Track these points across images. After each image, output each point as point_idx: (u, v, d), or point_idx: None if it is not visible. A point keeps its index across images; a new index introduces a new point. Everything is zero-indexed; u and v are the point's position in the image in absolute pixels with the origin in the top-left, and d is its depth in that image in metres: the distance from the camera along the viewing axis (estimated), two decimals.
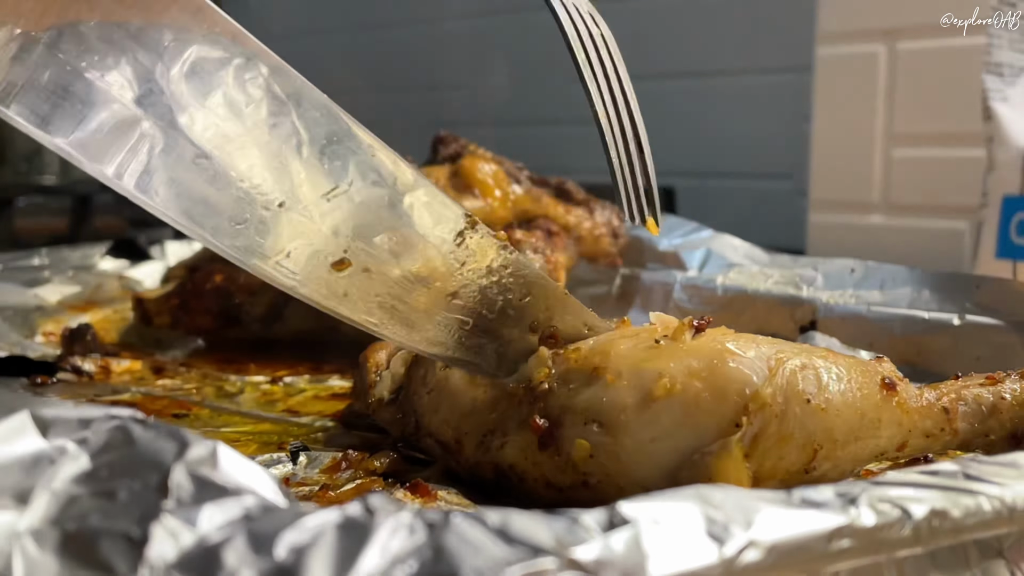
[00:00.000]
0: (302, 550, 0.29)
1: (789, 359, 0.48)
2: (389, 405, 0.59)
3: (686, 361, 0.47)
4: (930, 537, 0.36)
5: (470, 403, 0.54)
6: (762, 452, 0.46)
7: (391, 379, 0.60)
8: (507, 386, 0.52)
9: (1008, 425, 0.52)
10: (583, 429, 0.48)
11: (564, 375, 0.50)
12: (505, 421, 0.52)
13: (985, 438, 0.52)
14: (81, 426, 0.36)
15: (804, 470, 0.47)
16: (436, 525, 0.30)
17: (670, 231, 1.10)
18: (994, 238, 0.99)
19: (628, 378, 0.47)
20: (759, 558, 0.32)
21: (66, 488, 0.33)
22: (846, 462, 0.49)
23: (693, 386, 0.46)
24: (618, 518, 0.32)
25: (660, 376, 0.47)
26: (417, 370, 0.59)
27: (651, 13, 1.68)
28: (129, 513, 0.31)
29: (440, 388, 0.56)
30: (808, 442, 0.47)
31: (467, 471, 0.54)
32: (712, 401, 0.46)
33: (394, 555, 0.29)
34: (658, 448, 0.46)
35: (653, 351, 0.48)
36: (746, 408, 0.46)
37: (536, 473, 0.50)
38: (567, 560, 0.29)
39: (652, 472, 0.46)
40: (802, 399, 0.47)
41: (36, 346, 0.91)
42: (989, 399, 0.52)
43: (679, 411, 0.46)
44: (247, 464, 0.35)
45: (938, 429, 0.51)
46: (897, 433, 0.50)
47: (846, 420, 0.48)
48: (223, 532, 0.30)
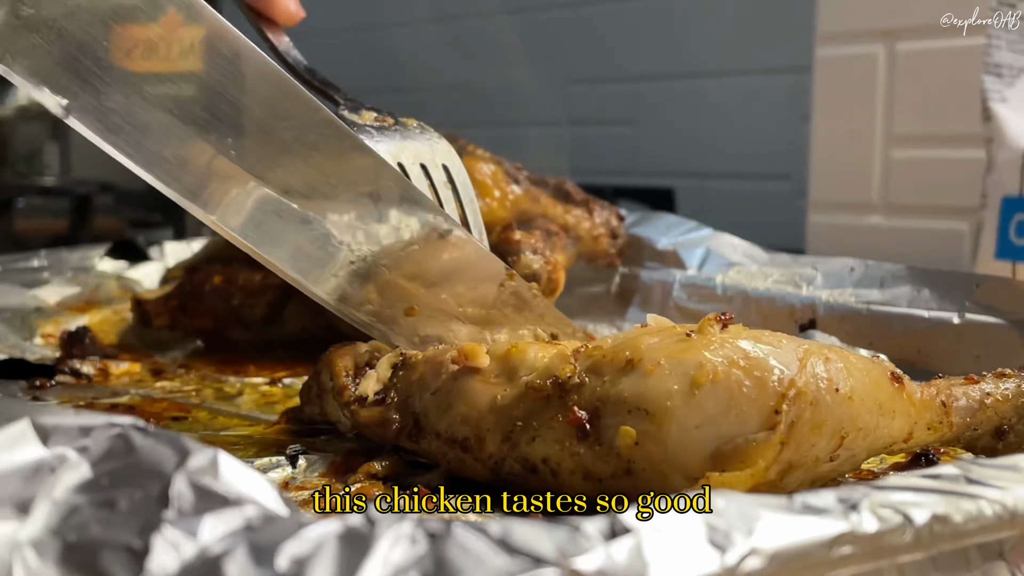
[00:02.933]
0: (303, 561, 0.29)
1: (814, 351, 0.50)
2: (375, 406, 0.59)
3: (723, 351, 0.49)
4: (931, 542, 0.36)
5: (489, 401, 0.55)
6: (797, 439, 0.47)
7: (376, 379, 0.60)
8: (532, 383, 0.53)
9: (994, 419, 0.55)
10: (626, 417, 0.49)
11: (594, 368, 0.52)
12: (533, 416, 0.53)
13: (973, 431, 0.55)
14: (82, 434, 0.36)
15: (829, 458, 0.49)
16: (437, 535, 0.30)
17: (669, 229, 1.10)
18: (993, 239, 0.99)
19: (669, 367, 0.49)
20: (761, 566, 0.32)
21: (67, 497, 0.33)
22: (862, 451, 0.51)
23: (734, 374, 0.48)
24: (619, 527, 0.32)
25: (702, 364, 0.48)
26: (410, 373, 0.59)
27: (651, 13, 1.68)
28: (130, 523, 0.31)
29: (448, 389, 0.56)
30: (837, 430, 0.49)
31: (488, 468, 0.54)
32: (754, 388, 0.47)
33: (396, 566, 0.29)
34: (702, 434, 0.47)
35: (687, 343, 0.50)
36: (784, 396, 0.47)
37: (572, 464, 0.51)
38: (569, 570, 0.29)
39: (695, 457, 0.47)
40: (832, 388, 0.49)
41: (35, 348, 0.91)
42: (976, 396, 0.55)
43: (723, 398, 0.47)
44: (248, 472, 0.35)
45: (938, 422, 0.54)
46: (906, 424, 0.53)
47: (869, 409, 0.50)
48: (224, 543, 0.30)
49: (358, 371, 0.62)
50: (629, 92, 1.81)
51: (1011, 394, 0.56)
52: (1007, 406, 0.56)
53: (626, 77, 1.80)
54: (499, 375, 0.55)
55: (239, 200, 0.58)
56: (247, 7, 0.73)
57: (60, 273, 1.08)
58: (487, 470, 0.54)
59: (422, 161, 0.70)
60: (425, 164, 0.70)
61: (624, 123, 1.83)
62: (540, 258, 0.87)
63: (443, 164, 0.72)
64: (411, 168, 0.69)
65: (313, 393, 0.65)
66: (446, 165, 0.72)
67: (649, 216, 1.14)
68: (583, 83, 1.87)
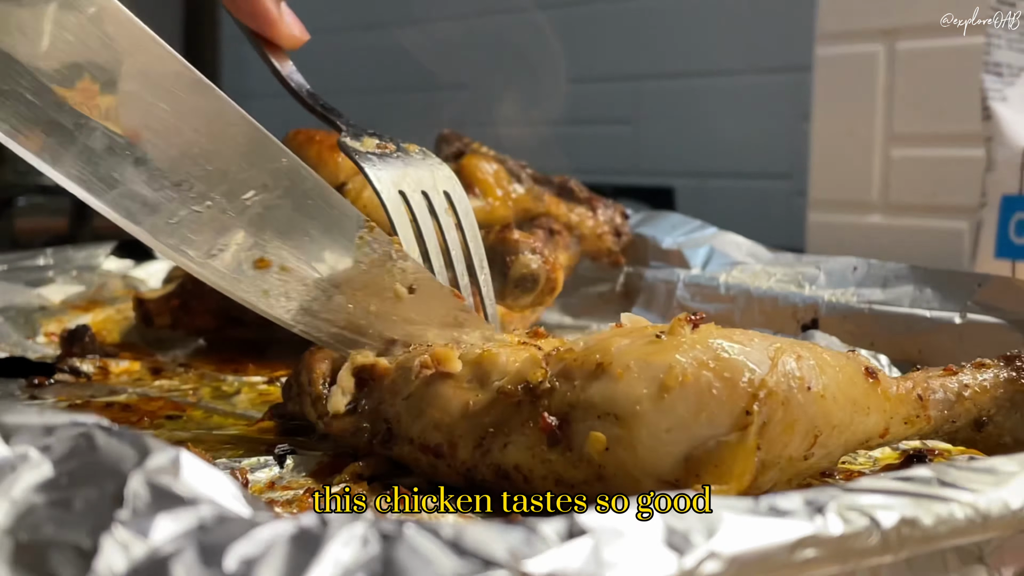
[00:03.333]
0: (252, 562, 0.29)
1: (786, 350, 0.49)
2: (347, 416, 0.59)
3: (692, 353, 0.48)
4: (900, 546, 0.35)
5: (461, 407, 0.54)
6: (770, 439, 0.47)
7: (342, 392, 0.60)
8: (503, 388, 0.52)
9: (973, 411, 0.55)
10: (596, 422, 0.48)
11: (564, 372, 0.51)
12: (505, 422, 0.52)
13: (952, 424, 0.54)
14: (45, 433, 0.36)
15: (804, 456, 0.49)
16: (389, 537, 0.30)
17: (673, 228, 1.09)
18: (993, 238, 0.98)
19: (638, 370, 0.48)
20: (720, 569, 0.32)
21: (25, 496, 0.33)
22: (837, 448, 0.50)
23: (704, 376, 0.47)
24: (576, 528, 0.31)
25: (671, 367, 0.47)
26: (381, 379, 0.59)
27: (651, 13, 1.68)
28: (82, 523, 0.31)
29: (421, 394, 0.56)
30: (810, 428, 0.48)
31: (460, 474, 0.54)
32: (724, 390, 0.47)
33: (344, 567, 0.29)
34: (673, 438, 0.47)
35: (656, 345, 0.49)
36: (755, 396, 0.47)
37: (544, 471, 0.50)
38: (519, 573, 0.29)
39: (666, 461, 0.47)
40: (803, 386, 0.48)
41: (37, 347, 0.92)
42: (954, 387, 0.55)
43: (693, 400, 0.47)
44: (210, 472, 0.34)
45: (915, 415, 0.53)
46: (881, 419, 0.52)
47: (842, 406, 0.49)
48: (175, 544, 0.30)
49: (335, 377, 0.62)
50: (629, 91, 1.80)
51: (989, 384, 0.55)
52: (985, 397, 0.55)
53: (626, 76, 1.80)
54: (471, 380, 0.55)
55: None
56: (250, 32, 0.72)
57: (65, 272, 1.08)
58: (460, 476, 0.54)
59: (423, 188, 0.70)
60: (427, 191, 0.71)
61: (624, 122, 1.83)
62: (538, 258, 0.86)
63: (444, 191, 0.72)
64: (412, 196, 0.69)
65: (293, 392, 0.65)
66: (447, 192, 0.72)
67: (654, 215, 1.14)
68: (583, 82, 1.87)
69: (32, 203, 1.26)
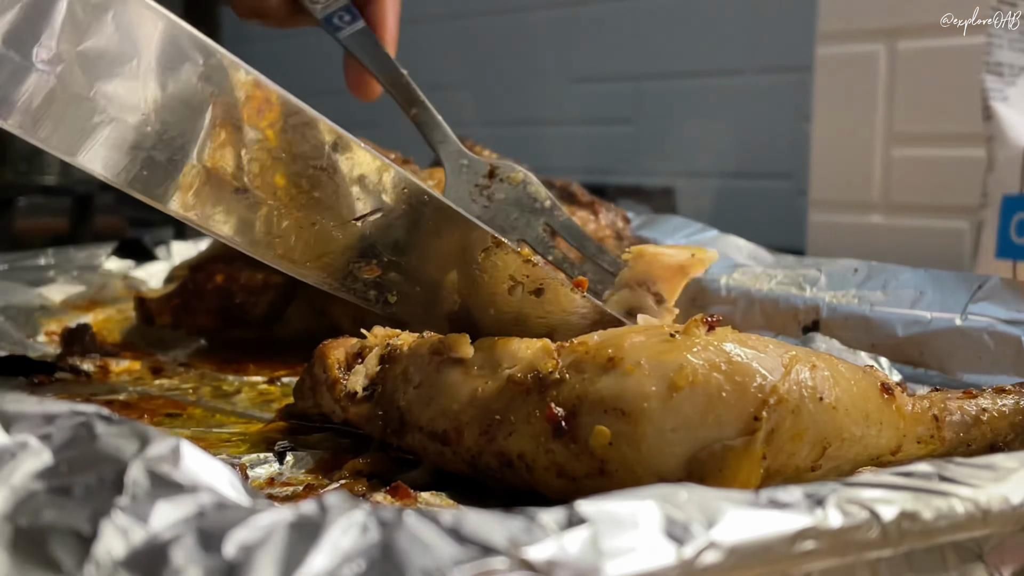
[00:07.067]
0: (251, 548, 0.29)
1: (800, 359, 0.49)
2: (364, 401, 0.59)
3: (705, 354, 0.48)
4: (900, 539, 0.35)
5: (470, 393, 0.54)
6: (777, 447, 0.47)
7: (364, 375, 0.60)
8: (513, 376, 0.52)
9: (989, 436, 0.54)
10: (602, 416, 0.48)
11: (575, 364, 0.51)
12: (512, 410, 0.52)
13: (967, 447, 0.54)
14: (45, 422, 0.36)
15: (811, 467, 0.48)
16: (389, 524, 0.30)
17: (675, 231, 1.09)
18: (994, 238, 0.98)
19: (649, 367, 0.48)
20: (719, 559, 0.32)
21: (25, 483, 0.33)
22: (847, 463, 0.50)
23: (714, 378, 0.47)
24: (576, 517, 0.31)
25: (682, 367, 0.47)
26: (395, 367, 0.59)
27: (651, 13, 1.68)
28: (82, 509, 0.31)
29: (431, 382, 0.56)
30: (819, 439, 0.48)
31: (466, 462, 0.54)
32: (734, 394, 0.47)
33: (344, 554, 0.29)
34: (678, 437, 0.46)
35: (670, 343, 0.49)
36: (765, 402, 0.46)
37: (547, 462, 0.50)
38: (518, 560, 0.29)
39: (670, 460, 0.46)
40: (815, 396, 0.48)
41: (38, 346, 0.92)
42: (972, 411, 0.54)
43: (702, 402, 0.46)
44: (210, 461, 0.35)
45: (929, 436, 0.53)
46: (894, 437, 0.51)
47: (854, 420, 0.49)
48: (174, 530, 0.30)
49: (350, 364, 0.62)
50: (630, 91, 1.80)
51: (1008, 411, 0.55)
52: (1003, 423, 0.54)
53: (627, 76, 1.80)
54: (482, 367, 0.55)
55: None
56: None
57: (66, 272, 1.08)
58: (465, 464, 0.54)
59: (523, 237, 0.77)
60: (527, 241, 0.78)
61: (625, 122, 1.83)
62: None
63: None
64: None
65: (307, 387, 0.64)
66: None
67: (656, 218, 1.14)
68: (584, 82, 1.87)
69: (33, 203, 1.26)
